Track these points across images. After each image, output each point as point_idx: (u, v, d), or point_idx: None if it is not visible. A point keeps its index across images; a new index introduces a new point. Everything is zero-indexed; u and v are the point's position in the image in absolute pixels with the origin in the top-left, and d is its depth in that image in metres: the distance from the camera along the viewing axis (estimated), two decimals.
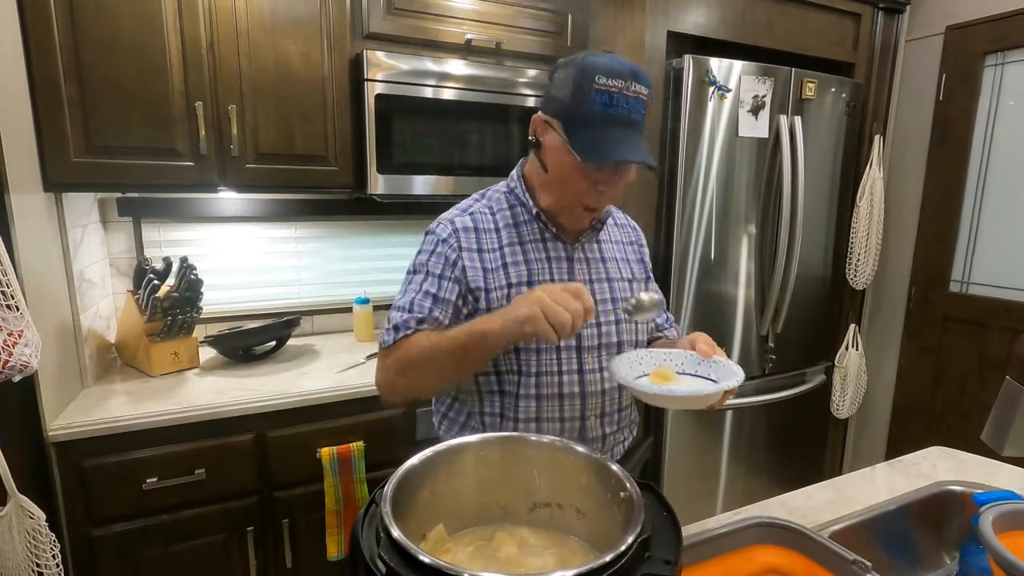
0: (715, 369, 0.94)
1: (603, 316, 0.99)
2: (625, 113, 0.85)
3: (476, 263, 0.94)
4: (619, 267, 1.04)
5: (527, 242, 0.97)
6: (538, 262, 0.96)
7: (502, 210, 0.99)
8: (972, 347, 2.15)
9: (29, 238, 1.26)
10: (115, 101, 1.41)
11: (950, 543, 1.06)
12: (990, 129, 2.09)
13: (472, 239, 0.95)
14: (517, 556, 0.65)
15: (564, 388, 0.96)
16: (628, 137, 0.85)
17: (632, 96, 0.85)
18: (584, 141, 0.85)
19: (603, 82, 0.83)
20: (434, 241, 0.97)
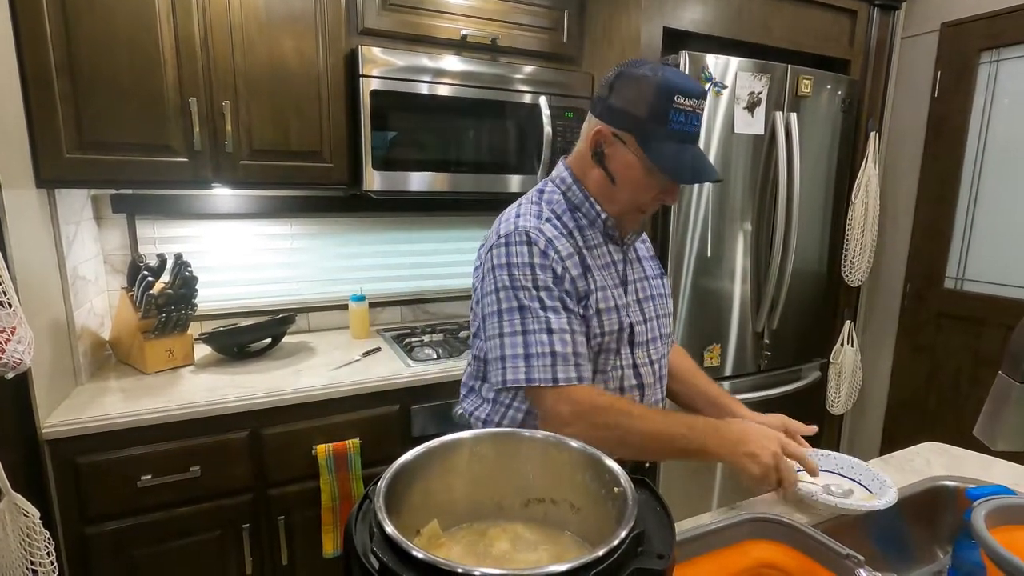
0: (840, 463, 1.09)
1: (648, 313, 1.04)
2: (695, 131, 0.90)
3: (577, 268, 0.94)
4: (652, 265, 1.11)
5: (592, 247, 0.99)
6: (602, 268, 0.98)
7: (566, 212, 0.99)
8: (966, 344, 2.16)
9: (22, 235, 1.26)
10: (108, 97, 1.40)
11: (943, 538, 1.06)
12: (985, 126, 2.09)
13: (564, 245, 0.93)
14: (511, 551, 0.65)
15: (625, 382, 1.01)
16: (700, 154, 0.91)
17: (699, 113, 0.90)
18: (663, 158, 0.89)
19: (681, 102, 0.87)
20: (528, 261, 0.91)
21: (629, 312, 1.00)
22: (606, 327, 0.96)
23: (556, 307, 0.90)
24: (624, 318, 0.99)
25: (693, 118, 0.89)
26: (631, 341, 1.00)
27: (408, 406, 1.64)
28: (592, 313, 0.95)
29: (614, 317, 0.97)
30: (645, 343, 1.02)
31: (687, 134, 0.89)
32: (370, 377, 1.61)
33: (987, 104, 2.08)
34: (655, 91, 0.88)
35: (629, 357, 1.01)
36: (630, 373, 1.01)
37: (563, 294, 0.92)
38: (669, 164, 0.89)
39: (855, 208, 2.19)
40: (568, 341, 0.90)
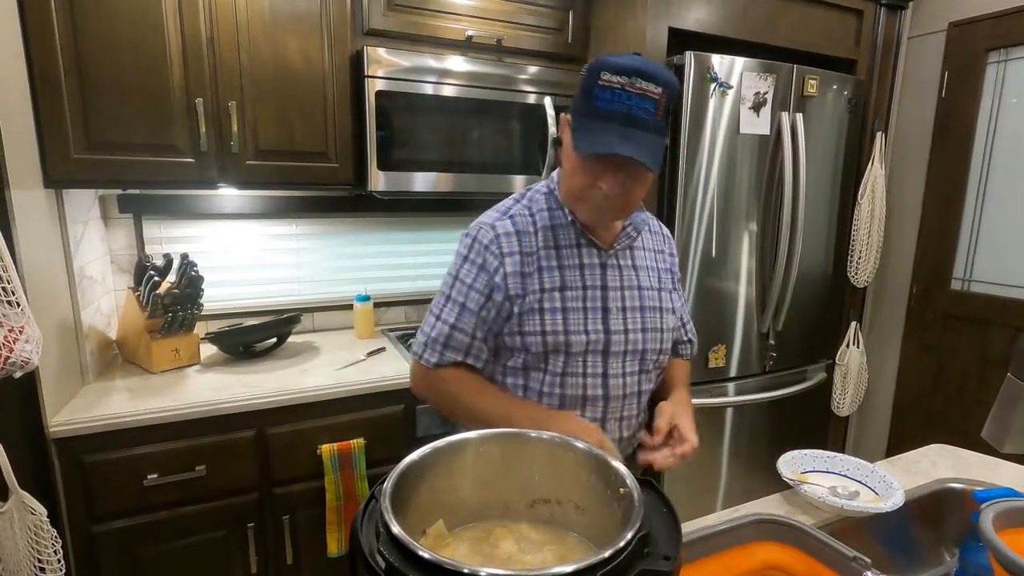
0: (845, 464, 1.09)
1: (631, 323, 1.00)
2: (625, 109, 0.83)
3: (518, 267, 0.95)
4: (650, 276, 1.05)
5: (563, 247, 0.98)
6: (571, 268, 0.97)
7: (541, 211, 1.00)
8: (973, 345, 2.14)
9: (30, 234, 1.27)
10: (115, 97, 1.41)
11: (950, 540, 1.06)
12: (992, 126, 2.08)
13: (514, 243, 0.96)
14: (517, 552, 0.65)
15: (588, 391, 0.98)
16: (626, 134, 0.83)
17: (636, 93, 0.83)
18: (581, 134, 0.86)
19: (607, 78, 0.83)
20: (470, 246, 0.98)
21: (603, 318, 0.98)
22: (548, 327, 0.95)
23: (457, 299, 0.98)
24: (590, 323, 0.97)
25: (621, 96, 0.83)
26: (604, 350, 0.97)
27: (412, 406, 1.65)
28: (530, 310, 0.95)
29: (573, 319, 0.96)
30: (622, 354, 0.99)
31: (611, 112, 0.84)
32: (375, 377, 1.61)
33: (995, 104, 2.07)
34: (587, 71, 0.86)
35: (598, 365, 0.98)
36: (596, 382, 0.98)
37: (478, 289, 0.96)
38: (582, 138, 0.86)
39: (861, 208, 2.18)
40: (443, 331, 0.98)
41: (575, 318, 0.96)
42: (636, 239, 1.04)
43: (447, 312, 0.99)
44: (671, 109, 0.89)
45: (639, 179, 0.90)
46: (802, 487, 0.99)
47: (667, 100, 0.86)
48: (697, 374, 1.96)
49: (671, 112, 0.90)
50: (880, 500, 0.98)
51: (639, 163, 0.84)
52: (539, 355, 0.96)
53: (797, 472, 1.06)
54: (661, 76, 0.84)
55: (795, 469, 1.07)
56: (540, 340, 0.95)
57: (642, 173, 0.89)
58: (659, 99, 0.84)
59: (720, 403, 2.02)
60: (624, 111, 0.83)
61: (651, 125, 0.85)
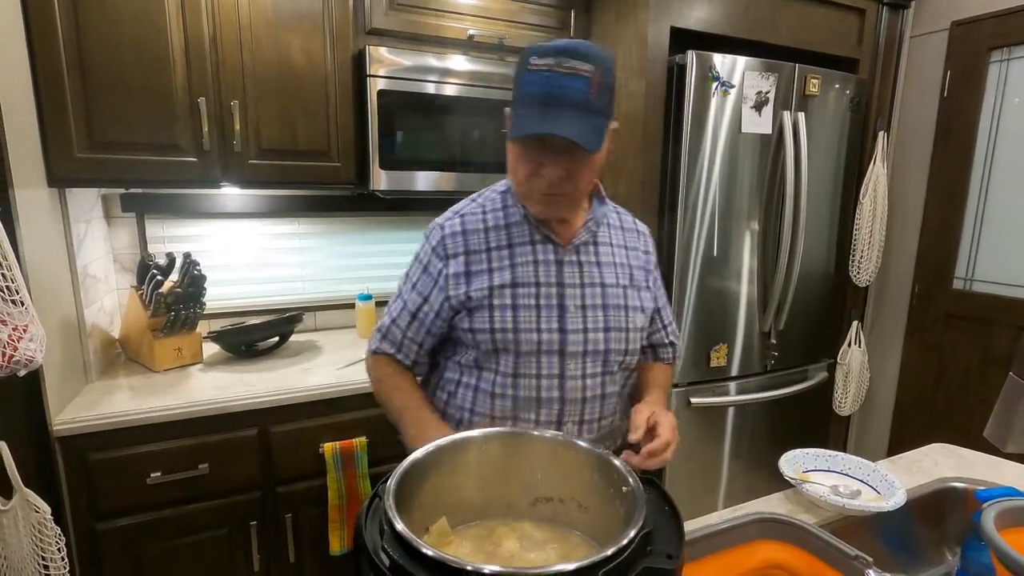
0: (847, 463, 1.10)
1: (591, 323, 0.96)
2: (555, 91, 0.81)
3: (461, 267, 0.95)
4: (616, 272, 1.01)
5: (516, 244, 0.96)
6: (524, 265, 0.95)
7: (495, 210, 0.99)
8: (975, 344, 2.14)
9: (33, 233, 1.27)
10: (118, 97, 1.41)
11: (952, 539, 1.06)
12: (995, 125, 2.07)
13: (459, 243, 0.96)
14: (519, 550, 0.66)
15: (542, 392, 0.95)
16: (554, 114, 0.81)
17: (565, 72, 0.81)
18: (513, 121, 0.86)
19: (535, 62, 0.82)
20: (422, 246, 1.01)
21: (559, 317, 0.94)
22: (496, 323, 0.93)
23: (402, 296, 1.02)
24: (544, 322, 0.94)
25: (549, 78, 0.81)
26: (560, 350, 0.94)
27: None
28: (479, 307, 0.94)
29: (524, 317, 0.93)
30: (580, 355, 0.95)
31: (539, 95, 0.82)
32: None
33: (997, 103, 2.06)
34: (519, 60, 0.86)
35: (554, 366, 0.94)
36: (551, 384, 0.95)
37: (418, 290, 0.99)
38: (511, 126, 0.86)
39: (863, 208, 2.18)
40: (385, 323, 1.03)
41: (526, 316, 0.93)
42: (598, 233, 1.01)
43: (394, 306, 1.03)
44: (610, 88, 0.86)
45: (581, 161, 0.87)
46: (804, 486, 1.00)
47: (601, 78, 0.83)
48: (698, 373, 1.97)
49: (611, 91, 0.87)
50: (882, 499, 0.98)
51: (573, 142, 0.81)
52: (489, 353, 0.95)
53: (799, 471, 1.07)
54: (591, 54, 0.82)
55: (797, 468, 1.07)
56: (489, 337, 0.94)
57: (583, 155, 0.86)
58: (590, 77, 0.82)
59: (722, 402, 2.02)
60: (552, 92, 0.82)
61: (583, 104, 0.82)
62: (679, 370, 1.94)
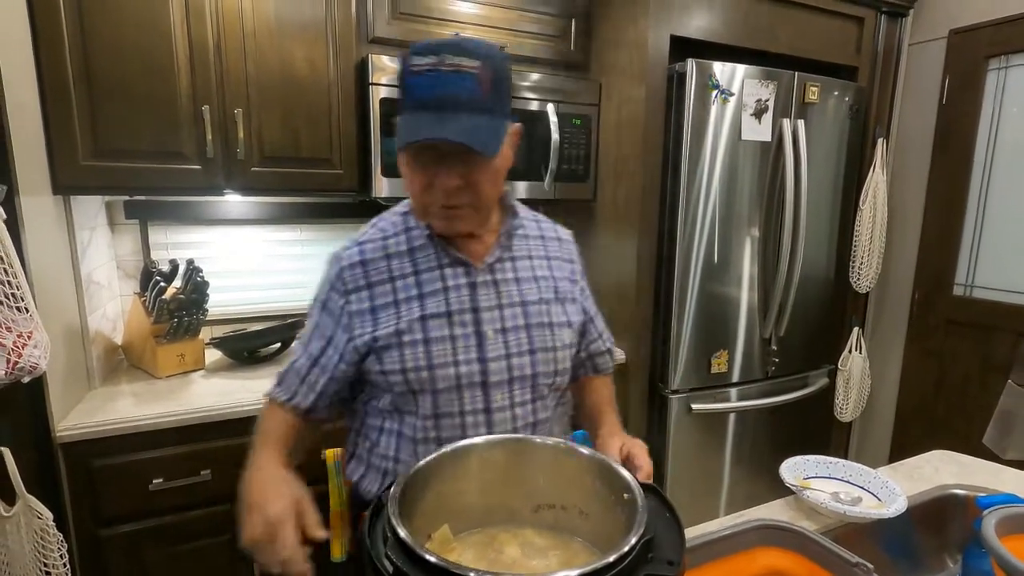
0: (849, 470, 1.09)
1: (514, 347, 0.88)
2: (440, 91, 0.74)
3: (365, 303, 0.86)
4: (538, 287, 0.92)
5: (422, 271, 0.87)
6: (434, 294, 0.86)
7: (396, 234, 0.90)
8: (975, 350, 2.15)
9: (38, 240, 1.28)
10: (123, 105, 1.42)
11: (953, 546, 1.06)
12: (993, 133, 2.09)
13: (359, 275, 0.87)
14: (521, 557, 0.66)
15: (468, 431, 0.86)
16: (441, 117, 0.74)
17: (449, 70, 0.74)
18: (399, 129, 0.78)
19: (415, 63, 0.75)
20: (322, 282, 0.92)
21: (478, 345, 0.86)
22: (408, 363, 0.84)
23: (303, 338, 0.93)
24: (461, 353, 0.85)
25: (432, 79, 0.74)
26: (482, 381, 0.86)
27: None
28: (388, 346, 0.84)
29: (438, 351, 0.84)
30: (506, 383, 0.87)
31: (424, 98, 0.75)
32: None
33: (995, 111, 2.07)
34: (399, 63, 0.78)
35: (478, 400, 0.86)
36: (477, 420, 0.86)
37: (320, 331, 0.90)
38: (398, 135, 0.78)
39: (863, 214, 2.19)
40: (285, 367, 0.95)
41: (440, 349, 0.84)
42: (514, 247, 0.93)
43: (297, 347, 0.94)
44: (503, 85, 0.80)
45: (478, 167, 0.79)
46: (805, 493, 1.00)
47: (492, 74, 0.76)
48: (699, 379, 1.97)
49: (505, 88, 0.81)
50: (883, 506, 0.99)
51: (466, 147, 0.74)
52: (405, 395, 0.86)
53: (800, 478, 1.07)
54: (477, 49, 0.76)
55: (797, 475, 1.08)
56: (402, 379, 0.85)
57: (480, 160, 0.78)
58: (478, 73, 0.75)
59: (722, 408, 2.02)
60: (437, 93, 0.75)
61: (473, 103, 0.75)
62: (679, 376, 1.94)
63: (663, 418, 1.97)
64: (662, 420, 1.97)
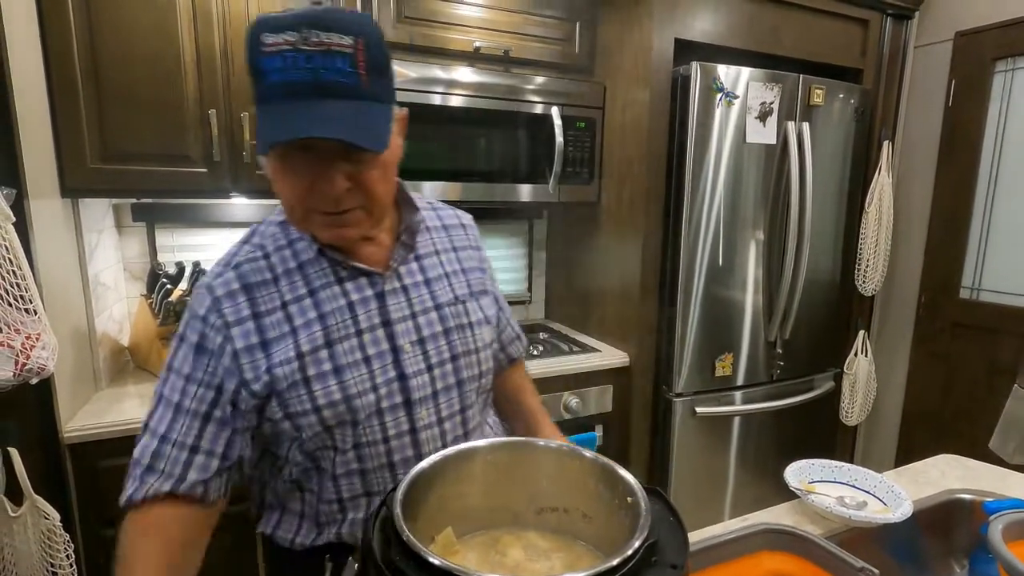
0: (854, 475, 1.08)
1: (435, 356, 0.79)
2: (307, 76, 0.61)
3: (253, 338, 0.71)
4: (450, 285, 0.83)
5: (318, 289, 0.74)
6: (337, 313, 0.74)
7: (280, 249, 0.76)
8: (982, 354, 2.13)
9: (46, 243, 1.29)
10: (131, 109, 1.44)
11: (960, 551, 1.05)
12: (1000, 135, 2.08)
13: (242, 305, 0.72)
14: (524, 559, 0.66)
15: (394, 456, 0.77)
16: (314, 108, 0.62)
17: (316, 50, 0.61)
18: (261, 126, 0.63)
19: (270, 41, 0.61)
20: (187, 320, 0.73)
21: (395, 363, 0.76)
22: (321, 399, 0.72)
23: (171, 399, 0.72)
24: (379, 375, 0.75)
25: (297, 59, 0.61)
26: (405, 400, 0.76)
27: None
28: (292, 385, 0.71)
29: (353, 378, 0.73)
30: (430, 398, 0.78)
31: (288, 84, 0.61)
32: None
33: (1002, 113, 2.06)
34: (246, 40, 0.63)
35: (402, 422, 0.77)
36: (403, 443, 0.77)
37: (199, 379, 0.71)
38: (260, 133, 0.63)
39: (868, 217, 2.18)
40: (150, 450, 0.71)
41: (355, 376, 0.73)
42: (417, 244, 0.82)
43: (156, 418, 0.72)
44: (385, 65, 0.67)
45: (367, 164, 0.68)
46: (809, 497, 0.99)
47: (368, 52, 0.63)
48: (703, 382, 1.97)
49: (386, 70, 0.68)
50: (888, 510, 0.98)
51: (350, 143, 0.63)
52: (320, 435, 0.74)
53: (804, 482, 1.06)
54: (348, 22, 0.62)
55: (802, 479, 1.07)
56: (316, 419, 0.72)
57: (367, 156, 0.67)
58: (353, 53, 0.62)
59: (727, 412, 2.01)
60: (305, 78, 0.61)
61: (352, 90, 0.63)
62: (684, 379, 1.94)
63: (667, 421, 1.96)
64: (666, 423, 1.97)
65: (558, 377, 1.83)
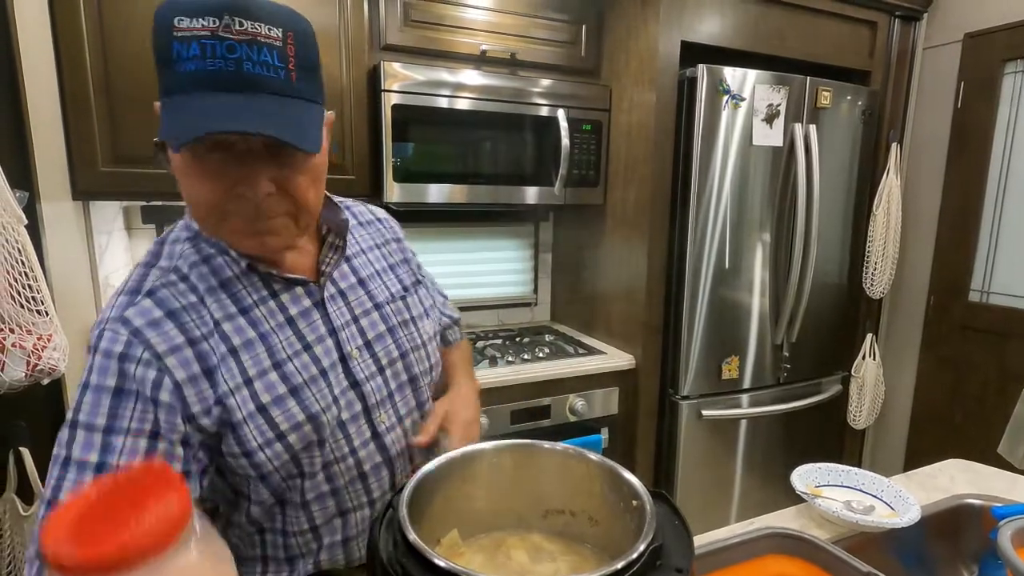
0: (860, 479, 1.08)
1: (384, 357, 0.77)
2: (231, 67, 0.55)
3: (193, 368, 0.63)
4: (384, 283, 0.81)
5: (250, 307, 0.68)
6: (277, 330, 0.69)
7: (196, 266, 0.68)
8: (992, 357, 2.11)
9: (58, 245, 1.31)
10: (142, 113, 1.45)
11: (968, 557, 1.05)
12: (1010, 137, 2.06)
13: (173, 331, 0.63)
14: (530, 562, 0.66)
15: (364, 466, 0.75)
16: (238, 101, 0.56)
17: (239, 39, 0.55)
18: (173, 117, 0.57)
19: (184, 26, 0.54)
20: (92, 367, 0.61)
21: (345, 372, 0.73)
22: (283, 425, 0.66)
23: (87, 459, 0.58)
24: (335, 387, 0.71)
25: (216, 47, 0.55)
26: (363, 407, 0.74)
27: None
28: (247, 417, 0.64)
29: (311, 396, 0.68)
30: (387, 399, 0.76)
31: (201, 75, 0.55)
32: None
33: (1012, 115, 2.05)
34: (154, 23, 0.56)
35: (364, 430, 0.74)
36: (370, 451, 0.75)
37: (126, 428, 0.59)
38: (172, 123, 0.57)
39: (876, 219, 2.17)
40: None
41: (315, 392, 0.69)
42: (345, 246, 0.77)
43: (68, 483, 0.58)
44: (315, 63, 0.62)
45: (297, 168, 0.62)
46: (816, 501, 0.99)
47: (298, 47, 0.59)
48: (710, 385, 1.96)
49: (316, 67, 0.62)
50: (896, 515, 0.97)
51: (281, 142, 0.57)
52: (287, 464, 0.68)
53: (811, 486, 1.06)
54: (277, 13, 0.57)
55: (809, 483, 1.07)
56: (281, 447, 0.66)
57: (299, 158, 0.61)
58: (282, 46, 0.57)
59: (734, 415, 2.01)
60: (226, 68, 0.55)
61: (278, 84, 0.58)
62: (690, 382, 1.93)
63: (673, 424, 1.96)
64: (672, 426, 1.97)
65: (564, 379, 1.83)
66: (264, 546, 0.75)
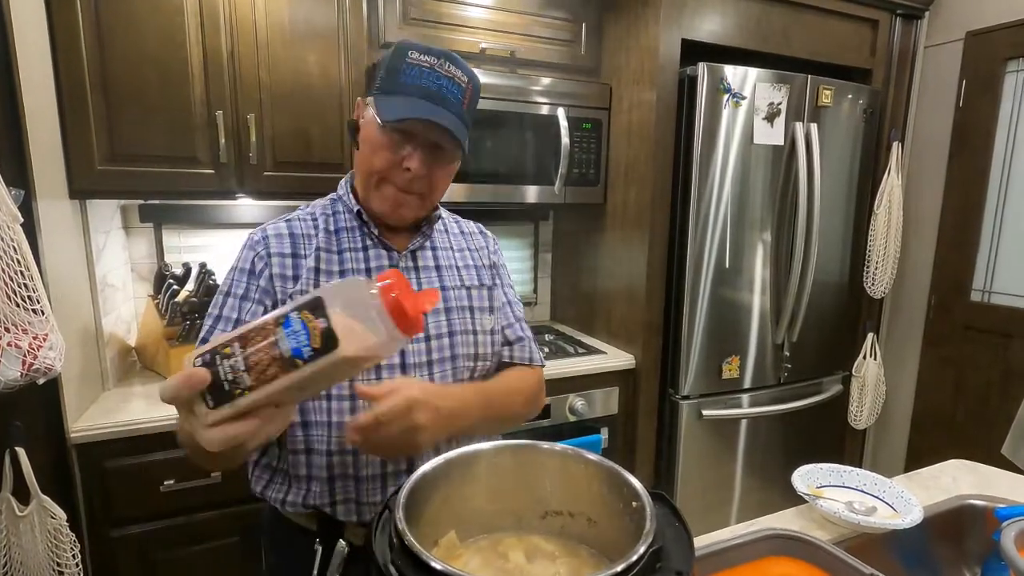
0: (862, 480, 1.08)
1: (433, 328, 0.89)
2: (435, 88, 0.82)
3: (287, 270, 0.86)
4: (459, 274, 0.95)
5: (346, 250, 0.89)
6: (355, 272, 0.88)
7: (325, 215, 0.92)
8: (994, 357, 2.11)
9: (54, 244, 1.30)
10: (139, 111, 1.44)
11: (971, 558, 1.04)
12: (1012, 135, 2.05)
13: (286, 244, 0.88)
14: (528, 564, 0.66)
15: None
16: (435, 109, 0.81)
17: (445, 75, 0.83)
18: (387, 106, 0.82)
19: (415, 56, 0.82)
20: (242, 253, 0.90)
21: None
22: None
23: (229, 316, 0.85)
24: None
25: (432, 75, 0.82)
26: (400, 362, 0.86)
27: None
28: None
29: None
30: (425, 364, 0.87)
31: (420, 87, 0.81)
32: None
33: (1014, 113, 2.04)
34: (393, 51, 0.84)
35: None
36: None
37: (252, 298, 0.85)
38: (389, 108, 0.81)
39: (878, 218, 2.16)
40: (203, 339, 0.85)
41: None
42: (434, 237, 0.95)
43: (217, 331, 0.85)
44: (474, 106, 0.88)
45: (444, 163, 0.87)
46: (818, 502, 0.98)
47: (472, 93, 0.86)
48: (710, 385, 1.95)
49: (473, 111, 0.89)
50: (898, 516, 0.97)
51: (449, 140, 0.82)
52: (320, 400, 0.84)
53: (812, 486, 1.05)
54: (467, 69, 0.86)
55: (810, 483, 1.06)
56: None
57: (448, 157, 0.87)
58: (465, 88, 0.85)
59: (734, 415, 2.00)
60: (434, 88, 0.82)
61: (458, 109, 0.84)
62: (690, 382, 1.92)
63: (673, 424, 1.95)
64: (672, 426, 1.96)
65: (564, 379, 1.82)
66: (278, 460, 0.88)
